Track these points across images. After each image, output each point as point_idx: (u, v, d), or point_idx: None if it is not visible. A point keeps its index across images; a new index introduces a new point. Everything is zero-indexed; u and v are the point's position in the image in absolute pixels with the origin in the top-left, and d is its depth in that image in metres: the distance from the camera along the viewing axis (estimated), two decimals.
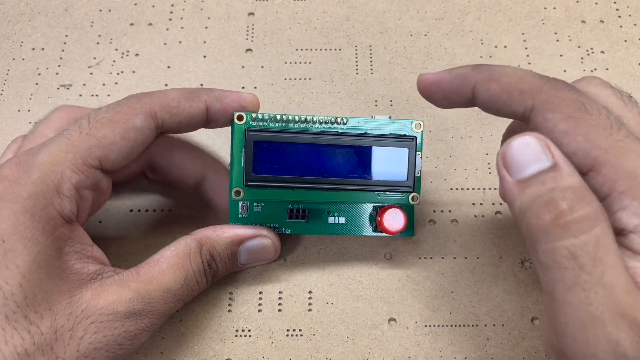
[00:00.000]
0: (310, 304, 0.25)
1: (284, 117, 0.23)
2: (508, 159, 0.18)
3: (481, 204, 0.27)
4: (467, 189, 0.28)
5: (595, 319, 0.15)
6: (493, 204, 0.27)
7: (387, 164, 0.23)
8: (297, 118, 0.23)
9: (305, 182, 0.23)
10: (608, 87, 0.20)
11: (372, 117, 0.24)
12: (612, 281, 0.15)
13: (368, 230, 0.25)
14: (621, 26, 0.33)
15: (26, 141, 0.22)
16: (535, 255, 0.17)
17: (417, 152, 0.24)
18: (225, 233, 0.23)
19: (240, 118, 0.23)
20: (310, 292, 0.25)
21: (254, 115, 0.23)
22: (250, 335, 0.24)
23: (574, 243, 0.16)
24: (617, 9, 0.34)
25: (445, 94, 0.22)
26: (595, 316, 0.15)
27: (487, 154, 0.29)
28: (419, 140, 0.24)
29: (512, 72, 0.19)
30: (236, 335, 0.24)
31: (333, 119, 0.23)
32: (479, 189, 0.28)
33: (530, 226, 0.17)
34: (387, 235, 0.25)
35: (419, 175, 0.24)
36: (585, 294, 0.15)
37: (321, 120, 0.23)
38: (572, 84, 0.21)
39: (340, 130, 0.24)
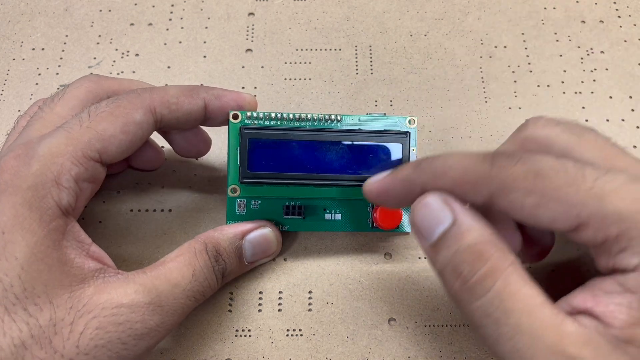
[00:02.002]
0: (310, 304, 0.25)
1: (279, 115, 0.23)
2: (416, 225, 0.19)
3: None
4: None
5: None
6: None
7: (381, 159, 0.24)
8: (291, 116, 0.23)
9: (300, 178, 0.23)
10: (555, 124, 0.19)
11: (367, 114, 0.24)
12: (531, 325, 0.16)
13: (365, 227, 0.25)
14: (621, 26, 0.33)
15: (37, 120, 0.22)
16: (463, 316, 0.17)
17: (412, 148, 0.24)
18: (227, 230, 0.23)
19: (235, 117, 0.23)
20: (310, 292, 0.25)
21: (249, 114, 0.23)
22: (250, 335, 0.24)
23: (483, 303, 0.16)
24: (617, 9, 0.34)
25: (396, 200, 0.20)
26: None
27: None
28: (412, 136, 0.24)
29: (454, 163, 0.18)
30: (236, 335, 0.24)
31: (327, 116, 0.24)
32: None
33: (448, 292, 0.18)
34: (383, 231, 0.25)
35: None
36: (511, 343, 0.16)
37: (315, 118, 0.24)
38: (517, 133, 0.20)
39: (334, 127, 0.24)
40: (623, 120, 0.30)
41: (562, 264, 0.25)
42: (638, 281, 0.16)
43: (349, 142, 0.24)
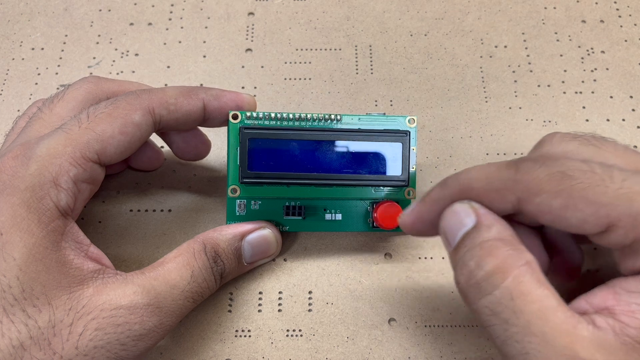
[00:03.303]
0: (310, 304, 0.25)
1: (279, 115, 0.23)
2: (443, 231, 0.19)
3: None
4: None
5: None
6: None
7: (381, 159, 0.24)
8: (291, 116, 0.23)
9: (300, 178, 0.23)
10: (571, 138, 0.19)
11: (367, 114, 0.24)
12: (543, 328, 0.15)
13: (365, 227, 0.25)
14: (621, 26, 0.33)
15: (36, 120, 0.22)
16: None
17: (412, 147, 0.24)
18: (226, 230, 0.23)
19: (235, 117, 0.23)
20: (310, 292, 0.25)
21: (248, 114, 0.23)
22: (250, 336, 0.24)
23: (491, 301, 0.16)
24: (617, 9, 0.33)
25: (433, 225, 0.20)
26: None
27: (487, 154, 0.29)
28: (412, 135, 0.24)
29: (478, 174, 0.18)
30: (236, 336, 0.24)
31: (327, 116, 0.24)
32: None
33: (458, 290, 0.17)
34: (384, 230, 0.25)
35: (413, 170, 0.24)
36: (520, 345, 0.15)
37: (315, 118, 0.24)
38: (534, 152, 0.20)
39: (334, 127, 0.24)
40: (623, 120, 0.30)
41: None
42: None
43: (349, 142, 0.24)
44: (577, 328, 0.15)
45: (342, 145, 0.24)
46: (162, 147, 0.28)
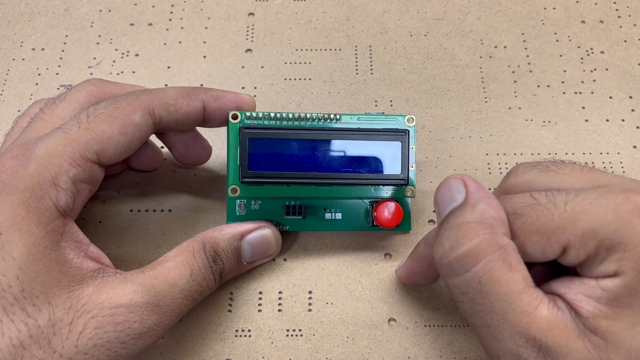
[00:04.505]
0: (310, 304, 0.25)
1: (278, 115, 0.23)
2: (435, 203, 0.20)
3: None
4: None
5: (496, 338, 0.17)
6: None
7: (380, 158, 0.24)
8: (290, 115, 0.23)
9: (300, 177, 0.23)
10: (531, 167, 0.20)
11: (366, 113, 0.24)
12: (504, 308, 0.17)
13: (365, 226, 0.25)
14: (621, 26, 0.33)
15: (38, 120, 0.22)
16: None
17: (411, 146, 0.24)
18: (226, 230, 0.23)
19: (235, 117, 0.23)
20: (310, 292, 0.25)
21: (248, 114, 0.23)
22: (250, 336, 0.24)
23: (461, 282, 0.17)
24: (616, 9, 0.34)
25: (424, 277, 0.23)
26: (495, 336, 0.17)
27: (487, 154, 0.29)
28: (411, 134, 0.24)
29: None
30: (236, 336, 0.24)
31: (326, 115, 0.24)
32: None
33: (435, 263, 0.19)
34: (384, 229, 0.25)
35: (413, 168, 0.24)
36: (483, 320, 0.17)
37: (315, 117, 0.24)
38: (502, 184, 0.21)
39: (334, 126, 0.24)
40: (623, 120, 0.30)
41: None
42: (613, 282, 0.16)
43: (349, 141, 0.24)
44: (537, 308, 0.17)
45: (341, 145, 0.24)
46: (161, 147, 0.28)
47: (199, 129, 0.26)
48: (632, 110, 0.30)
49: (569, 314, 0.17)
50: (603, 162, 0.29)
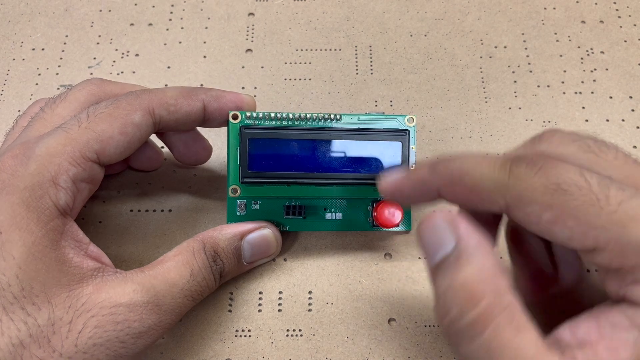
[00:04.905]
0: (310, 304, 0.25)
1: (278, 115, 0.23)
2: (422, 243, 0.18)
3: None
4: None
5: None
6: None
7: (380, 158, 0.24)
8: (291, 115, 0.24)
9: (300, 177, 0.23)
10: (571, 141, 0.18)
11: (366, 113, 0.24)
12: None
13: (365, 226, 0.25)
14: (621, 26, 0.33)
15: (38, 120, 0.22)
16: None
17: (411, 146, 0.24)
18: (226, 230, 0.23)
19: (235, 117, 0.23)
20: (310, 292, 0.25)
21: (248, 114, 0.23)
22: (250, 336, 0.24)
23: (470, 349, 0.16)
24: (616, 9, 0.34)
25: (410, 199, 0.20)
26: None
27: (487, 154, 0.29)
28: (411, 134, 0.24)
29: (471, 168, 0.17)
30: (236, 336, 0.24)
31: (327, 116, 0.24)
32: None
33: (440, 325, 0.17)
34: (384, 230, 0.25)
35: (413, 168, 0.24)
36: None
37: (315, 117, 0.24)
38: (532, 145, 0.19)
39: (334, 126, 0.24)
40: (623, 120, 0.30)
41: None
42: None
43: (349, 141, 0.24)
44: None
45: (341, 145, 0.24)
46: (162, 147, 0.28)
47: (199, 128, 0.26)
48: (632, 110, 0.30)
49: None
50: None
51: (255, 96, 0.30)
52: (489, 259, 0.16)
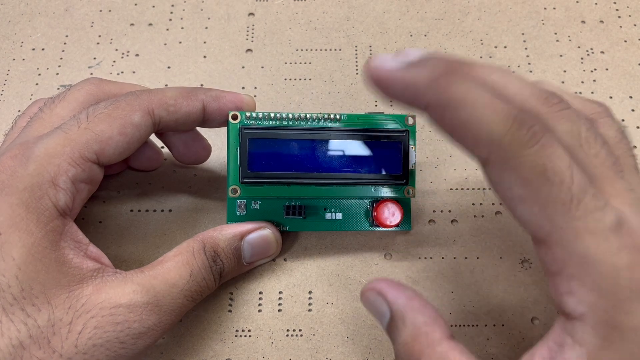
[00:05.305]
0: (310, 304, 0.25)
1: (278, 115, 0.23)
2: (368, 310, 0.20)
3: (481, 204, 0.27)
4: (467, 189, 0.28)
5: None
6: (493, 204, 0.27)
7: (380, 157, 0.24)
8: (290, 115, 0.24)
9: (300, 177, 0.23)
10: (575, 118, 0.17)
11: (366, 113, 0.24)
12: None
13: (365, 225, 0.25)
14: (621, 26, 0.33)
15: (37, 120, 0.22)
16: None
17: (411, 146, 0.24)
18: (226, 230, 0.23)
19: (234, 117, 0.23)
20: (310, 292, 0.25)
21: (248, 114, 0.23)
22: (250, 336, 0.24)
23: None
24: (617, 9, 0.34)
25: (393, 96, 0.17)
26: None
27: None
28: (411, 134, 0.24)
29: (474, 103, 0.15)
30: (236, 336, 0.24)
31: (326, 115, 0.24)
32: (479, 189, 0.28)
33: None
34: (384, 229, 0.25)
35: (413, 168, 0.24)
36: None
37: (315, 117, 0.24)
38: (545, 99, 0.17)
39: (333, 126, 0.24)
40: (623, 120, 0.30)
41: None
42: (585, 332, 0.15)
43: (349, 141, 0.24)
44: None
45: (341, 145, 0.24)
46: (161, 147, 0.28)
47: (198, 128, 0.26)
48: (632, 110, 0.30)
49: None
50: None
51: (255, 96, 0.30)
52: (420, 314, 0.18)
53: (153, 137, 0.27)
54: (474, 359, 0.17)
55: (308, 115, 0.24)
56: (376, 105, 0.30)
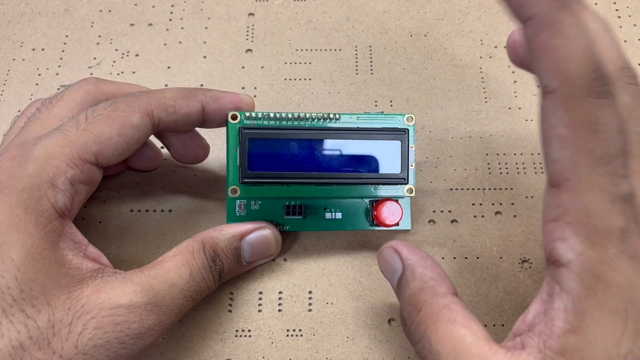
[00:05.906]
0: (310, 304, 0.25)
1: (278, 115, 0.23)
2: (383, 274, 0.22)
3: (481, 204, 0.27)
4: (467, 189, 0.28)
5: None
6: (493, 204, 0.27)
7: (380, 157, 0.24)
8: (290, 115, 0.24)
9: (300, 177, 0.23)
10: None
11: (365, 113, 0.24)
12: None
13: (365, 225, 0.25)
14: (621, 26, 0.33)
15: (35, 121, 0.22)
16: None
17: (410, 145, 0.24)
18: (226, 230, 0.23)
19: (234, 117, 0.23)
20: (310, 292, 0.25)
21: (247, 114, 0.23)
22: (250, 336, 0.24)
23: (419, 347, 0.18)
24: (616, 9, 0.34)
25: (522, 61, 0.20)
26: None
27: (487, 154, 0.29)
28: (411, 133, 0.24)
29: (572, 38, 0.16)
30: (236, 336, 0.24)
31: (326, 115, 0.24)
32: (479, 189, 0.28)
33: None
34: (384, 229, 0.25)
35: (412, 167, 0.24)
36: None
37: (314, 117, 0.24)
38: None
39: (333, 126, 0.24)
40: None
41: None
42: (571, 279, 0.16)
43: (348, 141, 0.24)
44: (493, 358, 0.16)
45: (341, 144, 0.24)
46: (161, 147, 0.28)
47: (197, 128, 0.26)
48: None
49: (536, 349, 0.16)
50: None
51: (255, 96, 0.30)
52: (429, 270, 0.19)
53: (152, 138, 0.27)
54: (474, 317, 0.18)
55: (308, 115, 0.24)
56: (376, 105, 0.30)
